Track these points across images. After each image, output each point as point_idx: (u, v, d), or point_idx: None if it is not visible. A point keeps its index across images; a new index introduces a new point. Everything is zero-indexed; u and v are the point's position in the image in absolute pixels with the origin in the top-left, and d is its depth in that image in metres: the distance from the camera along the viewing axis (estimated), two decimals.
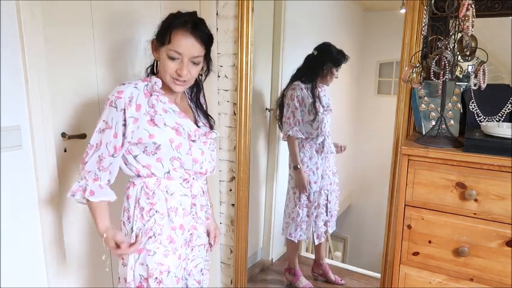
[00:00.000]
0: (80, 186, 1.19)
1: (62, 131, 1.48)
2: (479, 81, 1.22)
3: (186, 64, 1.18)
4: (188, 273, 1.34)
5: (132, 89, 1.18)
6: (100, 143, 1.17)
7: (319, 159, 2.35)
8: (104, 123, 1.17)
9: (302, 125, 2.28)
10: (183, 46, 1.17)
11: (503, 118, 1.41)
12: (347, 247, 3.10)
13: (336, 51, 2.27)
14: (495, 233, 1.18)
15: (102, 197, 1.20)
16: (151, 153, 1.20)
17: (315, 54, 2.30)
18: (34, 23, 1.29)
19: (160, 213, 1.23)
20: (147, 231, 1.22)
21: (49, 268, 1.43)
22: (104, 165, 1.18)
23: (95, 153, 1.18)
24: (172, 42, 1.17)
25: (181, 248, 1.27)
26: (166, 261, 1.24)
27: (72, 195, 1.19)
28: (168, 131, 1.20)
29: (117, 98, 1.16)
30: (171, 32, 1.17)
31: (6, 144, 1.27)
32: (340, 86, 2.80)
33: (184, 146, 1.23)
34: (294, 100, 2.25)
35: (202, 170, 1.29)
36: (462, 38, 1.23)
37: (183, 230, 1.27)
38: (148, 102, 1.20)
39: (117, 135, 1.17)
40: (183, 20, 1.18)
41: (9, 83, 1.26)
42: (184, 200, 1.26)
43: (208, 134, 1.31)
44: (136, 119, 1.18)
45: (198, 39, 1.18)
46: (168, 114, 1.22)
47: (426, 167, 1.24)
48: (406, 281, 1.33)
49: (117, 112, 1.16)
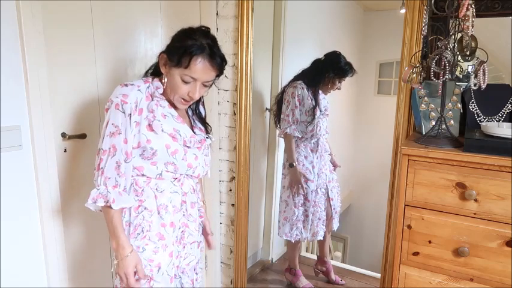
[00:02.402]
0: (101, 193, 1.16)
1: (62, 131, 1.48)
2: (479, 81, 1.22)
3: (199, 88, 1.18)
4: (182, 271, 1.33)
5: (137, 93, 1.17)
6: (114, 147, 1.15)
7: (314, 158, 2.35)
8: (114, 127, 1.15)
9: (299, 124, 2.28)
10: (199, 73, 1.16)
11: (503, 118, 1.41)
12: (347, 247, 3.10)
13: (344, 62, 2.25)
14: (495, 233, 1.18)
15: (123, 204, 1.18)
16: (148, 158, 1.20)
17: (322, 59, 2.29)
18: (34, 23, 1.29)
19: (149, 210, 1.23)
20: (136, 228, 1.22)
21: (49, 268, 1.43)
22: (122, 171, 1.17)
23: (111, 159, 1.16)
24: (190, 69, 1.15)
25: (172, 246, 1.27)
26: (156, 257, 1.23)
27: (93, 202, 1.15)
28: (165, 137, 1.20)
29: (123, 102, 1.14)
30: (189, 58, 1.14)
31: (6, 144, 1.27)
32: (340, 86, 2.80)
33: (180, 152, 1.23)
34: (295, 98, 2.25)
35: (195, 174, 1.30)
36: (462, 38, 1.23)
37: (174, 227, 1.27)
38: (148, 106, 1.20)
39: (127, 140, 1.16)
40: (199, 43, 1.15)
41: (9, 83, 1.27)
42: (175, 197, 1.26)
43: (203, 141, 1.32)
44: (138, 123, 1.18)
45: (215, 66, 1.18)
46: (166, 120, 1.22)
47: (426, 167, 1.24)
48: (406, 281, 1.33)
49: (125, 117, 1.15)
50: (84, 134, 1.54)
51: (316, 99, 2.28)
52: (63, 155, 1.50)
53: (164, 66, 1.21)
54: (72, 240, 1.56)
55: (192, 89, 1.18)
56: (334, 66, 2.24)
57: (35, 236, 1.39)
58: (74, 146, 1.52)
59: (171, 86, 1.20)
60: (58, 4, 1.41)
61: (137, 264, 1.18)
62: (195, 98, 1.20)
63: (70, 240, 1.55)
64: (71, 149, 1.52)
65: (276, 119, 2.41)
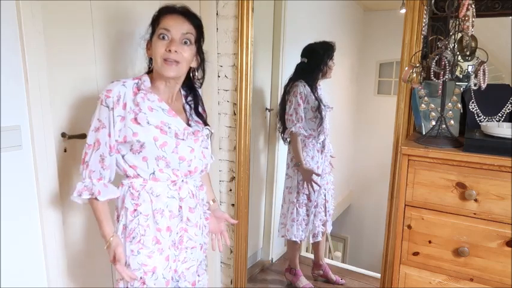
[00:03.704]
0: (86, 186, 1.19)
1: (61, 131, 1.48)
2: (479, 81, 1.22)
3: (176, 42, 1.19)
4: (179, 275, 1.32)
5: (120, 87, 1.19)
6: (98, 142, 1.18)
7: (320, 159, 2.35)
8: (98, 122, 1.18)
9: (305, 122, 2.28)
10: (171, 23, 1.20)
11: (503, 118, 1.41)
12: (347, 247, 3.11)
13: (321, 48, 2.28)
14: (495, 233, 1.18)
15: (109, 195, 1.20)
16: (137, 151, 1.20)
17: (305, 62, 2.31)
18: (34, 23, 1.29)
19: (144, 215, 1.22)
20: (131, 232, 1.23)
21: (49, 268, 1.43)
22: (106, 164, 1.19)
23: (95, 153, 1.18)
24: (162, 22, 1.20)
25: (168, 250, 1.26)
26: (150, 262, 1.23)
27: (78, 195, 1.19)
28: (152, 129, 1.20)
29: (107, 97, 1.17)
30: (160, 16, 1.22)
31: (6, 144, 1.27)
32: (340, 86, 2.80)
33: (169, 144, 1.22)
34: (297, 97, 2.25)
35: (191, 168, 1.27)
36: (462, 38, 1.23)
37: (170, 232, 1.26)
38: (134, 100, 1.20)
39: (110, 134, 1.18)
40: (171, 6, 1.24)
41: (9, 83, 1.26)
42: (171, 202, 1.25)
43: (198, 132, 1.29)
44: (123, 118, 1.18)
45: (187, 18, 1.22)
46: (154, 113, 1.21)
47: (426, 167, 1.24)
48: (406, 281, 1.33)
49: (108, 111, 1.17)
50: (84, 134, 1.53)
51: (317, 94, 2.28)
52: (63, 155, 1.50)
53: (149, 49, 1.27)
54: (72, 240, 1.56)
55: (170, 43, 1.19)
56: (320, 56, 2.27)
57: (35, 236, 1.39)
58: (74, 146, 1.52)
59: (154, 54, 1.21)
60: (58, 4, 1.41)
61: (115, 249, 1.21)
62: (172, 50, 1.18)
63: (70, 240, 1.55)
64: (71, 149, 1.52)
65: (279, 124, 2.39)
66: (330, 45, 2.29)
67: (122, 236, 1.24)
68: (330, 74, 2.35)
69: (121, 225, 1.24)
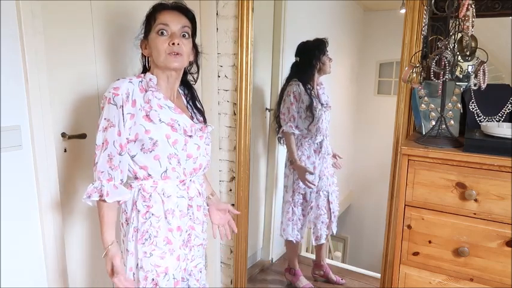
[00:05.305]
0: (95, 187, 1.16)
1: (62, 131, 1.48)
2: (479, 81, 1.22)
3: (177, 35, 1.21)
4: (189, 273, 1.34)
5: (128, 84, 1.18)
6: (106, 141, 1.16)
7: (316, 159, 2.34)
8: (106, 122, 1.16)
9: (299, 121, 2.27)
10: (169, 18, 1.22)
11: (503, 118, 1.41)
12: (347, 247, 3.10)
13: (312, 44, 2.27)
14: (495, 233, 1.18)
15: (118, 196, 1.18)
16: (149, 150, 1.19)
17: (298, 60, 2.30)
18: (34, 23, 1.29)
19: (156, 216, 1.22)
20: (143, 234, 1.22)
21: (49, 268, 1.43)
22: (114, 164, 1.17)
23: (103, 153, 1.16)
24: (159, 18, 1.22)
25: (179, 249, 1.27)
26: (162, 263, 1.23)
27: (88, 197, 1.16)
28: (164, 127, 1.20)
29: (115, 94, 1.16)
30: (155, 14, 1.23)
31: (6, 144, 1.27)
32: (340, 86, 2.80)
33: (180, 142, 1.22)
34: (290, 96, 2.25)
35: (196, 164, 1.29)
36: (462, 38, 1.23)
37: (180, 232, 1.27)
38: (144, 97, 1.20)
39: (120, 132, 1.17)
40: (164, 3, 1.26)
41: (9, 83, 1.26)
42: (181, 202, 1.26)
43: (205, 128, 1.32)
44: (133, 115, 1.18)
45: (182, 12, 1.25)
46: (163, 110, 1.21)
47: (426, 167, 1.24)
48: (406, 281, 1.33)
49: (117, 109, 1.16)
50: (84, 134, 1.54)
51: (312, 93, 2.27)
52: (63, 155, 1.50)
53: (145, 48, 1.28)
54: (72, 240, 1.56)
55: (171, 38, 1.21)
56: (312, 54, 2.26)
57: (35, 236, 1.39)
58: (74, 146, 1.52)
59: (155, 51, 1.22)
60: (58, 4, 1.41)
61: (113, 259, 1.17)
62: (175, 42, 1.20)
63: (70, 240, 1.55)
64: (71, 149, 1.52)
65: (275, 122, 2.40)
66: (321, 41, 2.27)
67: (133, 239, 1.23)
68: (329, 69, 2.32)
69: (131, 228, 1.23)
